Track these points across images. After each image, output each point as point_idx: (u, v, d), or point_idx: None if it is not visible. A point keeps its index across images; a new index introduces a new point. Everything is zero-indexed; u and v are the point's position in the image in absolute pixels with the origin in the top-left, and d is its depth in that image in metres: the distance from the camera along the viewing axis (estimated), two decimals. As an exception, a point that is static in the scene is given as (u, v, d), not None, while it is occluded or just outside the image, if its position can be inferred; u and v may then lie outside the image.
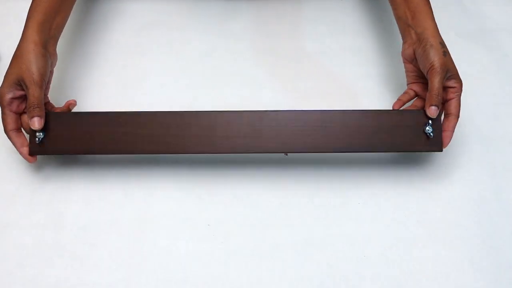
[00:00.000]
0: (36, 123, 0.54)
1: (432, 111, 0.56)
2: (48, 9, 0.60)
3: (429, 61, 0.57)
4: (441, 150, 0.57)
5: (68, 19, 0.77)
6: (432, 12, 0.62)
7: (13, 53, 0.57)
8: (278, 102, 0.68)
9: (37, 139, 0.55)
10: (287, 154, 0.61)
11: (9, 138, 0.56)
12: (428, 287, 0.53)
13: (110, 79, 0.69)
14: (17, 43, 0.58)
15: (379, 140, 0.56)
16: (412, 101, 0.62)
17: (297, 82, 0.70)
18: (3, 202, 0.58)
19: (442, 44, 0.59)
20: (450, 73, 0.58)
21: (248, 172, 0.60)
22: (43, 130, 0.55)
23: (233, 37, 0.75)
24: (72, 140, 0.55)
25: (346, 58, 0.73)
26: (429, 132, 0.56)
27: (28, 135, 0.57)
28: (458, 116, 0.58)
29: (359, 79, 0.71)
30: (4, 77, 0.56)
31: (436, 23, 0.60)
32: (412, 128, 0.56)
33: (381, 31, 0.78)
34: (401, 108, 0.60)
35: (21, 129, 0.57)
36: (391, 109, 0.60)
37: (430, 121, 0.56)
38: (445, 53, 0.58)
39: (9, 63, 0.56)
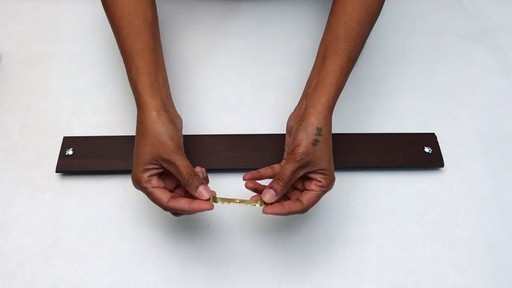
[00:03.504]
0: (205, 192, 0.46)
1: (266, 195, 0.46)
2: (149, 69, 0.52)
3: (294, 144, 0.48)
4: (443, 166, 0.61)
5: (69, 20, 0.77)
6: (338, 88, 0.51)
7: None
8: (278, 101, 0.68)
9: (66, 153, 0.60)
10: None
11: (172, 208, 0.47)
12: (428, 287, 0.53)
13: (111, 79, 0.69)
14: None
15: (386, 158, 0.61)
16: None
17: (297, 82, 0.70)
18: (3, 202, 0.58)
19: (320, 131, 0.48)
20: (317, 167, 0.48)
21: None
22: (72, 147, 0.60)
23: (233, 37, 0.76)
24: (91, 159, 0.60)
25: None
26: (428, 151, 0.61)
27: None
28: (305, 211, 0.48)
29: (359, 79, 0.71)
30: (135, 158, 0.49)
31: (333, 103, 0.51)
32: (413, 148, 0.62)
33: (381, 31, 0.78)
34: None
35: (175, 195, 0.48)
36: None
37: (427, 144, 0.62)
38: (316, 142, 0.47)
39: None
